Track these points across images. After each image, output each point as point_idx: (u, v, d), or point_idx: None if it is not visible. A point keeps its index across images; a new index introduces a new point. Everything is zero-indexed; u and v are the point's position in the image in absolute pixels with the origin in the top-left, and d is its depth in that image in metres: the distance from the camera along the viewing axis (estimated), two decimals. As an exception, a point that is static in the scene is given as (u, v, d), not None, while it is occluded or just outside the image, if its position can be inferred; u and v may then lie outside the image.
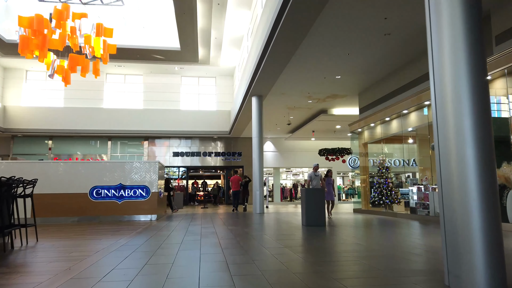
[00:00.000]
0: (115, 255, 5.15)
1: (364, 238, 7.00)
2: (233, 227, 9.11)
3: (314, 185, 11.11)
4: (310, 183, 11.27)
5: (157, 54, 19.24)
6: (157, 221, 11.46)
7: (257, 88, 14.40)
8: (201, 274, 3.93)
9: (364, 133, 15.04)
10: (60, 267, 4.36)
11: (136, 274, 3.96)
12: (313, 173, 11.31)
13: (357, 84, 14.40)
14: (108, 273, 4.03)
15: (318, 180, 11.24)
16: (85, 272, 4.13)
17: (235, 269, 4.19)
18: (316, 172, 11.36)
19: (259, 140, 15.09)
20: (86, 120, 22.45)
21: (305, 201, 9.21)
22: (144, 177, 11.90)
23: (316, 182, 11.22)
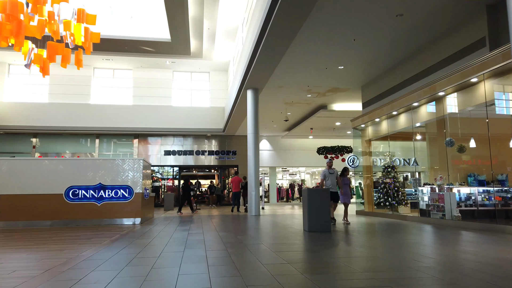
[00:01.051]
0: (60, 279, 3.87)
1: (386, 248, 5.77)
2: (225, 233, 7.86)
3: (329, 185, 9.50)
4: (324, 182, 9.57)
5: (146, 45, 17.94)
6: (141, 225, 10.18)
7: (252, 80, 13.15)
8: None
9: (368, 129, 13.84)
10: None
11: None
12: (327, 171, 9.66)
13: (361, 76, 13.20)
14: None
15: (333, 179, 9.61)
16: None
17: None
18: (331, 169, 9.73)
19: (254, 136, 13.84)
20: (73, 116, 21.08)
21: (307, 203, 7.97)
22: (127, 176, 10.61)
23: (331, 181, 9.56)
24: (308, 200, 7.99)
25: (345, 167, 10.80)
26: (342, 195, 10.21)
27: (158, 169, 23.72)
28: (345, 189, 10.22)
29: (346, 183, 10.27)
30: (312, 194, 8.05)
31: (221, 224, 10.13)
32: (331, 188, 9.44)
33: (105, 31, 16.93)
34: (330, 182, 9.54)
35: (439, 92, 9.56)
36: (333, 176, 9.63)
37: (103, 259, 4.86)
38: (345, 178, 10.34)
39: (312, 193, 8.09)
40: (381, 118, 12.72)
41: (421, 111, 10.91)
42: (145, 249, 5.75)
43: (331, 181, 9.56)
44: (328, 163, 9.83)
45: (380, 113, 12.38)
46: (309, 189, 8.13)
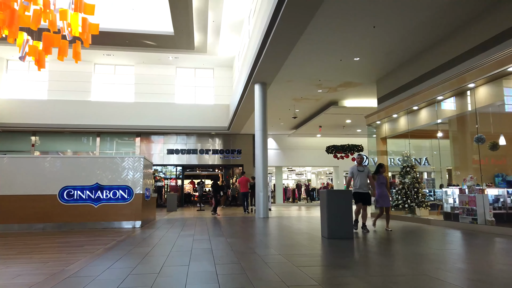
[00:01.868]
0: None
1: (436, 264, 4.83)
2: (233, 239, 6.94)
3: (358, 186, 8.13)
4: (352, 182, 8.24)
5: (148, 39, 17.05)
6: (141, 228, 9.29)
7: (260, 73, 12.23)
8: None
9: (384, 127, 12.87)
10: None
11: None
12: (355, 168, 8.21)
13: (376, 69, 12.25)
14: None
15: (364, 178, 8.14)
16: None
17: None
18: (360, 166, 8.22)
19: (262, 134, 12.91)
20: (73, 114, 20.23)
21: (326, 206, 7.04)
22: (126, 175, 9.71)
23: (361, 180, 8.12)
24: (328, 203, 7.06)
25: (380, 163, 8.98)
26: (377, 197, 8.46)
27: (161, 168, 22.85)
28: (380, 189, 8.48)
29: (382, 182, 8.52)
30: (332, 196, 7.12)
31: (228, 228, 9.21)
32: (360, 188, 8.16)
33: (105, 24, 16.07)
34: (359, 182, 8.14)
35: (469, 83, 8.60)
36: (363, 175, 8.18)
37: (91, 277, 3.95)
38: (381, 176, 8.58)
39: (332, 195, 7.15)
40: (399, 114, 11.76)
41: (447, 105, 9.96)
42: (143, 261, 4.84)
43: (361, 181, 8.14)
44: (357, 159, 8.32)
45: (398, 108, 11.43)
46: (329, 190, 7.20)
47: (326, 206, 7.07)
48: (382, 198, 8.46)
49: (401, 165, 12.18)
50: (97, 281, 3.79)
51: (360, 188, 8.18)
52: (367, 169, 8.35)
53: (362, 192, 8.18)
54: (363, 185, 8.18)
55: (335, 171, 24.72)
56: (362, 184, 8.17)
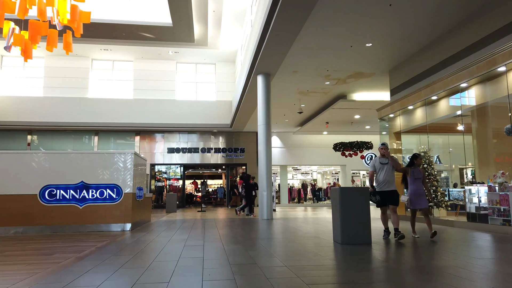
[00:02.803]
0: None
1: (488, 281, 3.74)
2: (231, 246, 5.90)
3: (382, 182, 6.51)
4: (375, 177, 6.70)
5: (145, 31, 16.07)
6: (131, 231, 8.28)
7: (263, 63, 11.20)
8: None
9: (398, 120, 11.76)
10: None
11: None
12: (377, 160, 6.67)
13: (390, 57, 11.17)
14: None
15: (389, 172, 6.51)
16: None
17: None
18: (384, 157, 6.61)
19: (266, 128, 11.86)
20: (69, 111, 19.31)
21: (340, 206, 5.97)
22: (114, 173, 8.70)
23: (385, 175, 6.49)
24: (341, 203, 5.99)
25: (415, 153, 7.12)
26: (411, 195, 6.67)
27: (162, 168, 21.87)
28: (415, 186, 6.65)
29: (417, 178, 6.69)
30: (346, 195, 6.05)
31: (228, 231, 8.16)
32: (385, 185, 6.52)
33: (101, 15, 15.13)
34: (384, 177, 6.50)
35: (500, 66, 7.50)
36: (388, 168, 6.53)
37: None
38: (416, 170, 6.76)
39: (346, 193, 6.08)
40: (416, 106, 10.66)
41: (471, 93, 8.84)
42: (113, 277, 3.80)
43: (386, 176, 6.50)
44: (381, 150, 6.67)
45: (415, 98, 10.32)
46: (342, 188, 6.13)
47: (339, 206, 6.01)
48: (417, 197, 6.63)
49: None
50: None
51: (385, 185, 6.53)
52: (395, 161, 6.68)
53: (387, 190, 6.53)
54: (389, 181, 6.52)
55: (342, 170, 23.61)
56: (387, 181, 6.51)
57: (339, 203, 6.02)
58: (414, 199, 6.68)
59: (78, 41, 16.63)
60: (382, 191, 6.59)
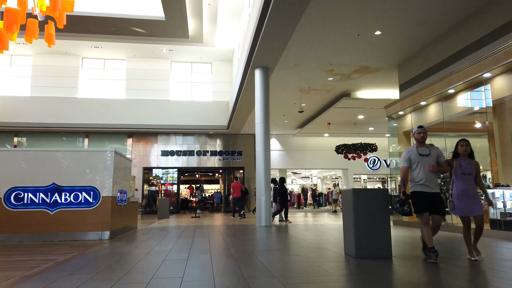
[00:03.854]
0: None
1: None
2: (221, 259, 4.77)
3: (422, 178, 4.66)
4: (410, 175, 4.85)
5: (137, 26, 15.02)
6: (109, 240, 7.15)
7: (261, 55, 10.16)
8: None
9: (409, 118, 10.67)
10: None
11: None
12: (414, 150, 4.79)
13: (400, 49, 10.12)
14: None
15: (426, 170, 4.65)
16: None
17: None
18: (423, 147, 4.79)
19: (264, 126, 10.77)
20: (58, 112, 18.23)
21: (353, 212, 4.86)
22: (91, 174, 7.58)
23: (424, 172, 4.66)
24: (355, 208, 4.88)
25: (462, 138, 4.99)
26: (456, 197, 4.72)
27: (156, 171, 20.73)
28: (463, 185, 4.67)
29: (466, 173, 4.67)
30: (361, 198, 4.94)
31: (220, 241, 7.03)
32: (425, 185, 4.66)
33: (89, 8, 14.10)
34: (423, 174, 4.66)
35: (533, 50, 6.45)
36: (428, 161, 4.67)
37: None
38: (464, 162, 4.74)
39: (362, 196, 4.97)
40: (429, 101, 9.58)
41: (497, 84, 7.76)
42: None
43: (424, 173, 4.65)
44: (417, 135, 4.84)
45: (429, 92, 9.24)
46: (356, 189, 5.02)
47: (353, 212, 4.89)
48: (467, 200, 4.64)
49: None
50: None
51: (425, 184, 4.67)
52: (437, 151, 4.78)
53: (429, 192, 4.65)
54: (431, 180, 4.65)
55: (344, 174, 22.51)
56: (428, 179, 4.65)
57: (352, 208, 4.90)
58: (462, 202, 4.67)
59: (65, 36, 15.61)
60: (421, 193, 4.66)
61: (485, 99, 7.92)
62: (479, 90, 8.12)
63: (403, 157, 4.90)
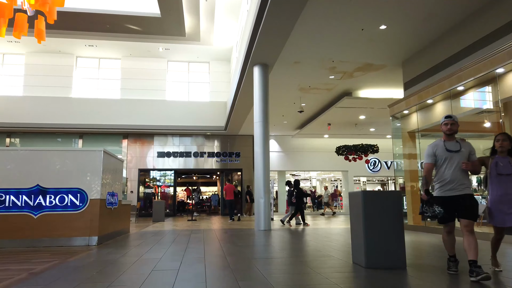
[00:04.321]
0: None
1: None
2: (217, 272, 4.26)
3: (451, 180, 3.85)
4: (436, 172, 4.03)
5: (132, 23, 14.53)
6: (97, 246, 6.62)
7: (260, 51, 9.68)
8: None
9: (414, 117, 10.18)
10: None
11: None
12: (442, 146, 3.97)
13: (405, 45, 9.66)
14: None
15: (457, 167, 3.84)
16: None
17: None
18: (451, 140, 3.99)
19: (263, 126, 10.28)
20: (51, 112, 17.69)
21: (363, 217, 4.36)
22: (78, 175, 7.06)
23: (454, 171, 3.85)
24: (365, 212, 4.38)
25: (502, 132, 4.79)
26: (494, 204, 3.91)
27: (152, 173, 20.20)
28: (501, 188, 3.90)
29: (503, 173, 3.91)
30: (372, 202, 4.43)
31: (217, 247, 6.51)
32: (455, 187, 3.85)
33: (82, 4, 13.61)
34: (451, 174, 3.87)
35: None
36: (458, 159, 3.88)
37: None
38: (502, 161, 3.97)
39: (373, 199, 4.47)
40: (436, 99, 9.10)
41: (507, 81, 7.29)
42: None
43: (453, 173, 3.86)
44: (444, 126, 4.04)
45: (437, 90, 8.75)
46: (366, 192, 4.52)
47: (362, 217, 4.38)
48: (505, 207, 3.83)
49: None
50: None
51: (455, 186, 3.87)
52: (467, 147, 3.99)
53: (458, 195, 3.85)
54: (460, 181, 3.86)
55: (344, 176, 22.01)
56: (458, 179, 3.85)
57: (362, 213, 4.39)
58: (499, 209, 3.86)
59: (57, 34, 15.15)
60: (448, 197, 3.88)
61: (497, 96, 7.43)
62: (488, 87, 7.64)
63: (428, 153, 4.06)
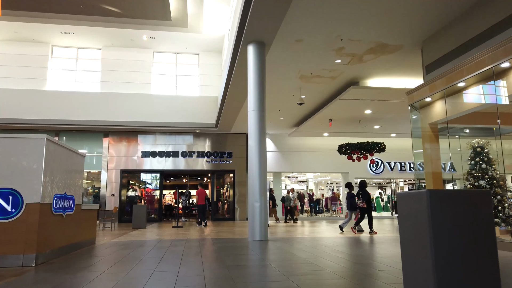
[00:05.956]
0: None
1: None
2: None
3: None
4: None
5: (109, 3, 12.68)
6: (36, 267, 4.76)
7: (255, 25, 7.92)
8: None
9: (440, 105, 8.44)
10: None
11: None
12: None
13: (429, 20, 7.97)
14: None
15: None
16: None
17: None
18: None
19: (259, 115, 8.48)
20: (23, 106, 15.75)
21: (431, 235, 2.56)
22: (9, 170, 5.19)
23: None
24: (435, 229, 2.58)
25: None
26: None
27: (137, 175, 18.29)
28: None
29: None
30: (447, 210, 2.64)
31: (197, 266, 4.67)
32: None
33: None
34: None
35: None
36: None
37: None
38: None
39: (448, 204, 2.68)
40: (469, 82, 7.38)
41: None
42: None
43: None
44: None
45: (475, 67, 7.01)
46: (435, 192, 2.73)
47: (431, 235, 2.59)
48: None
49: (469, 161, 7.78)
50: None
51: None
52: None
53: None
54: None
55: (344, 178, 20.25)
56: None
57: (430, 228, 2.60)
58: None
59: (23, 18, 13.24)
60: None
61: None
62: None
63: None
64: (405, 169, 19.93)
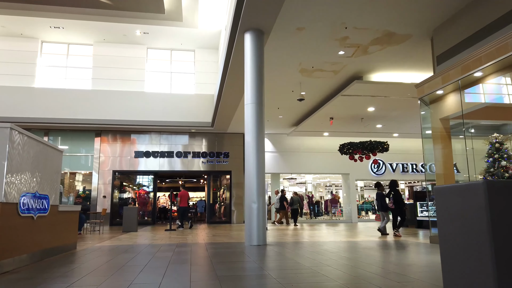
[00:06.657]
0: None
1: None
2: None
3: None
4: None
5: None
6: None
7: (253, 10, 7.23)
8: None
9: (451, 99, 7.77)
10: None
11: None
12: None
13: (442, 6, 7.30)
14: None
15: None
16: None
17: None
18: None
19: (256, 109, 7.78)
20: (10, 104, 15.02)
21: (491, 239, 1.86)
22: (-34, 164, 4.46)
23: None
24: (496, 232, 1.88)
25: None
26: None
27: (131, 176, 17.54)
28: None
29: None
30: (503, 199, 1.94)
31: (184, 281, 3.94)
32: None
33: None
34: None
35: None
36: None
37: None
38: None
39: (499, 191, 1.98)
40: (486, 71, 6.71)
41: None
42: None
43: None
44: None
45: (495, 54, 6.34)
46: (493, 182, 2.04)
47: (489, 235, 1.88)
48: None
49: (487, 158, 7.09)
50: None
51: None
52: None
53: None
54: None
55: (344, 179, 19.56)
56: None
57: (490, 230, 1.89)
58: None
59: (13, 10, 12.50)
60: None
61: None
62: None
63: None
64: (407, 171, 19.24)
